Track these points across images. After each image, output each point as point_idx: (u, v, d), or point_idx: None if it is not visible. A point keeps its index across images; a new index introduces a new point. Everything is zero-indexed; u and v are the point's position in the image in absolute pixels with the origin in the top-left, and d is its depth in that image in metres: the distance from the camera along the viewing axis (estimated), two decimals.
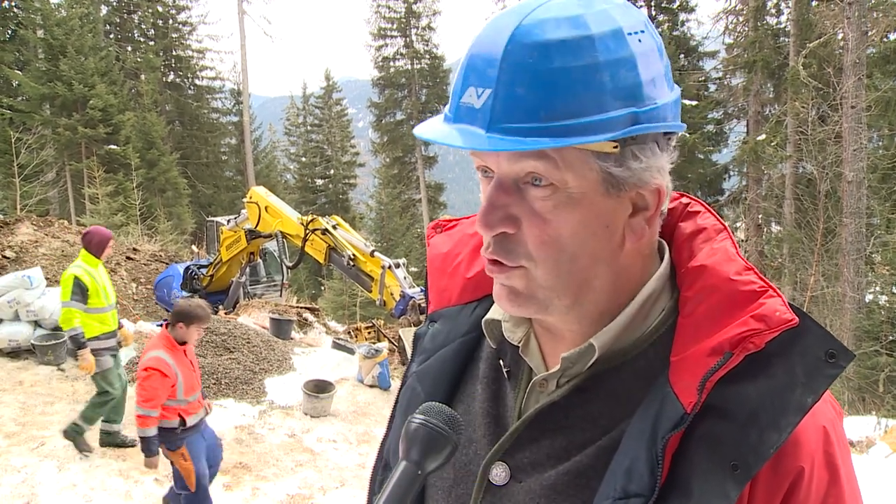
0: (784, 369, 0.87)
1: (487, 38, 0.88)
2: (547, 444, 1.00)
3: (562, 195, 0.89)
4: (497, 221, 0.91)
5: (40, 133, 25.22)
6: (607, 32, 0.85)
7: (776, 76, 24.96)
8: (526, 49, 0.84)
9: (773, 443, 0.85)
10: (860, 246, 16.33)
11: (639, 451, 0.89)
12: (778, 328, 0.86)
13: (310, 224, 10.13)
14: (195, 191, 34.27)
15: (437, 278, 1.22)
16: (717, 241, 0.98)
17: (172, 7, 38.04)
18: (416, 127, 0.96)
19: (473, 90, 0.88)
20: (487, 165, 0.93)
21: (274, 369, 9.04)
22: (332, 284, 29.81)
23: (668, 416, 0.88)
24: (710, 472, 0.86)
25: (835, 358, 0.87)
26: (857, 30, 16.29)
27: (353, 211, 44.01)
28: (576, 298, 0.95)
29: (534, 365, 1.05)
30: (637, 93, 0.86)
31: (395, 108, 41.30)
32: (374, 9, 40.71)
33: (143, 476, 6.08)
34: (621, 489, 0.89)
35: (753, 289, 0.90)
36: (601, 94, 0.83)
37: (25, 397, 7.56)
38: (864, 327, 15.27)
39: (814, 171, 19.22)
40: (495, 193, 0.91)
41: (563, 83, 0.83)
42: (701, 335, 0.90)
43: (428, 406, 0.95)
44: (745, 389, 0.87)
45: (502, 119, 0.85)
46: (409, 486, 0.89)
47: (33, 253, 12.14)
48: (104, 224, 19.89)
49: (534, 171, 0.88)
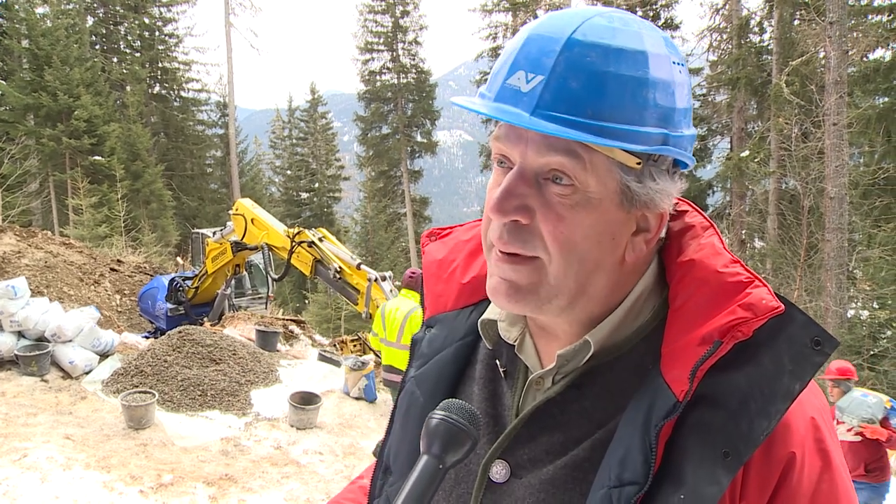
0: (771, 357, 0.90)
1: (547, 29, 0.91)
2: (545, 440, 1.02)
3: (580, 196, 0.91)
4: (512, 209, 0.93)
5: (24, 143, 25.05)
6: (660, 55, 0.90)
7: (759, 93, 25.24)
8: (586, 47, 0.87)
9: (763, 430, 0.87)
10: (842, 261, 16.51)
11: (633, 441, 0.91)
12: (765, 316, 0.89)
13: (296, 237, 10.11)
14: (180, 203, 34.11)
15: (434, 284, 1.24)
16: (704, 237, 1.01)
17: (159, 19, 37.98)
18: (456, 97, 0.97)
19: (523, 74, 0.90)
20: (509, 155, 0.95)
21: (260, 381, 8.99)
22: (316, 298, 29.71)
23: (660, 405, 0.91)
24: (702, 459, 0.88)
25: (820, 345, 0.90)
26: (839, 49, 16.54)
27: (338, 224, 43.98)
28: (571, 301, 0.97)
29: (530, 363, 1.08)
30: (670, 117, 0.91)
31: (380, 122, 41.38)
32: (362, 23, 40.90)
33: (127, 487, 6.02)
34: (616, 478, 0.91)
35: (740, 279, 0.93)
36: (644, 108, 0.88)
37: (8, 408, 7.47)
38: (846, 341, 15.39)
39: (797, 187, 19.42)
40: (515, 181, 0.93)
41: (613, 87, 0.87)
42: (691, 326, 0.93)
43: (448, 402, 0.96)
44: (735, 378, 0.90)
45: (549, 106, 0.88)
46: (432, 479, 0.91)
47: (16, 264, 12.03)
48: (88, 235, 19.79)
49: (559, 168, 0.90)
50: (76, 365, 8.48)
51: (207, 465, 6.70)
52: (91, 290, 13.24)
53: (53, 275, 12.41)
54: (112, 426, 7.29)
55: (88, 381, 8.48)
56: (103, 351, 8.99)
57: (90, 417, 7.52)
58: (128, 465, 6.41)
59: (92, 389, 8.27)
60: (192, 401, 8.09)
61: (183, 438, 7.26)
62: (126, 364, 8.65)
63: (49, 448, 6.53)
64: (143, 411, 7.29)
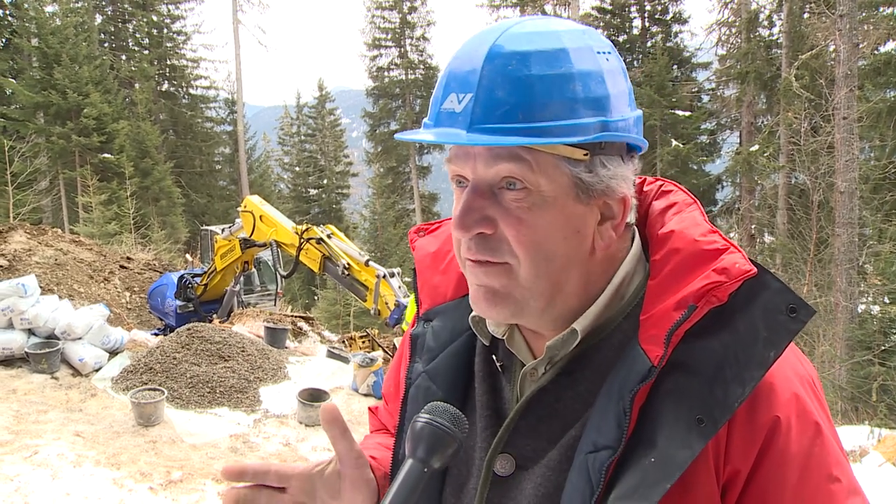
0: (746, 324, 0.92)
1: (468, 50, 0.95)
2: (545, 428, 1.03)
3: (535, 197, 0.94)
4: (473, 223, 0.96)
5: (34, 141, 25.18)
6: (580, 48, 0.92)
7: (769, 87, 25.12)
8: (506, 57, 0.90)
9: (737, 396, 0.89)
10: (852, 256, 16.40)
11: (609, 407, 0.94)
12: (738, 279, 0.91)
13: (305, 233, 10.12)
14: (189, 200, 34.18)
15: (430, 276, 1.24)
16: (686, 212, 1.03)
17: (167, 16, 38.04)
18: (398, 133, 1.01)
19: (454, 96, 0.93)
20: (463, 174, 0.98)
21: (269, 378, 9.01)
22: (325, 294, 29.77)
23: (636, 371, 0.93)
24: (675, 424, 0.90)
25: (795, 312, 0.91)
26: (849, 42, 16.40)
27: (347, 220, 44.02)
28: (549, 301, 0.99)
29: (521, 356, 1.09)
30: (605, 104, 0.93)
31: (389, 118, 41.30)
32: (369, 19, 40.83)
33: (136, 484, 6.05)
34: (592, 443, 0.94)
35: (717, 247, 0.95)
36: (574, 101, 0.90)
37: (19, 405, 7.52)
38: (856, 337, 15.28)
39: (806, 182, 19.31)
40: (471, 197, 0.96)
41: (539, 88, 0.89)
42: (667, 293, 0.95)
43: (433, 405, 0.97)
44: (710, 344, 0.92)
45: (482, 119, 0.90)
46: (416, 484, 0.92)
47: (26, 261, 12.09)
48: (97, 233, 19.87)
49: (509, 175, 0.93)
50: (86, 362, 8.52)
51: (216, 462, 6.72)
52: (101, 287, 13.31)
53: (63, 272, 12.47)
54: (122, 423, 7.32)
55: (98, 378, 8.52)
56: (113, 348, 9.03)
57: (100, 414, 7.56)
58: (137, 461, 6.44)
59: (102, 387, 8.31)
60: (201, 398, 8.12)
61: (192, 435, 7.29)
62: (135, 361, 8.68)
63: (60, 445, 6.57)
64: (153, 408, 7.32)
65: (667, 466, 0.88)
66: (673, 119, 26.92)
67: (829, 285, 17.23)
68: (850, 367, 14.53)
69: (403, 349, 1.33)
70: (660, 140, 26.65)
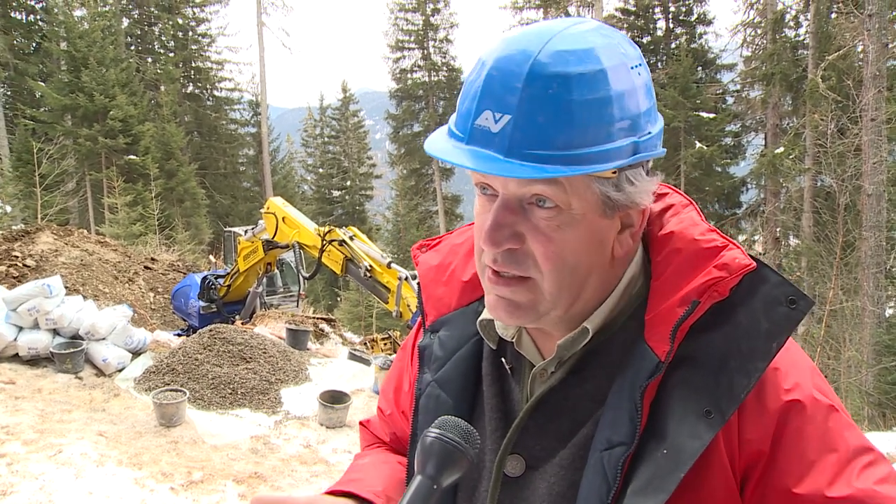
0: (748, 316, 0.94)
1: (506, 63, 0.92)
2: (554, 428, 1.05)
3: (565, 216, 0.95)
4: (504, 239, 0.96)
5: (62, 143, 25.46)
6: (617, 66, 0.92)
7: (794, 89, 24.84)
8: (548, 79, 0.89)
9: (742, 387, 0.91)
10: (880, 259, 16.19)
11: (620, 405, 0.96)
12: (738, 273, 0.94)
13: (327, 235, 10.14)
14: (213, 201, 34.43)
15: (433, 289, 1.25)
16: (683, 213, 1.06)
17: (192, 19, 38.37)
18: (426, 143, 1.00)
19: (490, 114, 0.91)
20: (490, 184, 0.98)
21: (290, 379, 9.04)
22: (348, 295, 29.87)
23: (644, 367, 0.96)
24: (684, 415, 0.92)
25: (795, 304, 0.94)
26: (878, 42, 16.20)
27: (370, 222, 44.18)
28: (568, 308, 1.01)
29: (530, 357, 1.11)
30: (637, 123, 0.93)
31: (412, 120, 41.37)
32: (392, 21, 40.93)
33: (158, 485, 6.10)
34: (606, 440, 0.96)
35: (716, 244, 0.98)
36: (610, 125, 0.90)
37: (44, 405, 7.61)
38: (884, 342, 15.09)
39: (833, 184, 19.07)
40: (501, 213, 0.96)
41: (580, 115, 0.89)
42: (671, 291, 0.98)
43: (443, 420, 0.96)
44: (713, 337, 0.95)
45: (522, 145, 0.89)
46: (425, 502, 0.90)
47: (53, 262, 12.24)
48: (123, 234, 20.07)
49: (541, 194, 0.94)
50: (109, 363, 8.61)
51: (237, 463, 6.75)
52: (125, 287, 13.44)
53: (89, 273, 12.60)
54: (144, 423, 7.38)
55: (121, 378, 8.60)
56: (136, 349, 9.12)
57: (123, 415, 7.63)
58: (159, 462, 6.49)
59: (124, 387, 8.39)
60: (223, 399, 8.17)
61: (213, 436, 7.33)
62: (158, 362, 8.75)
63: (83, 444, 6.63)
64: (175, 409, 7.37)
65: (679, 457, 0.90)
66: (697, 121, 26.68)
67: (856, 289, 16.99)
68: (877, 372, 14.32)
69: (405, 363, 1.34)
70: (684, 142, 26.45)
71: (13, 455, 6.30)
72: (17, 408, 7.38)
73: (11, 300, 8.40)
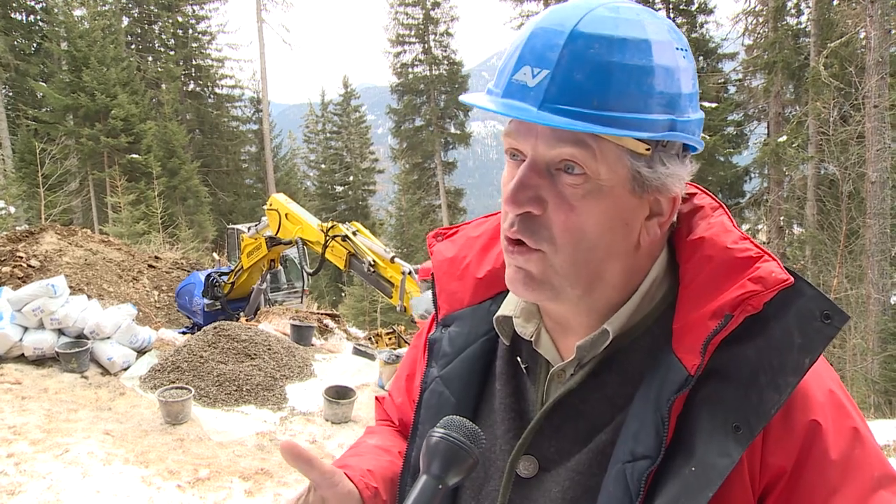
0: (781, 330, 0.91)
1: (550, 23, 0.92)
2: (570, 430, 1.03)
3: (592, 185, 0.92)
4: (526, 200, 0.94)
5: (64, 143, 25.52)
6: (663, 42, 0.91)
7: (797, 77, 24.74)
8: (590, 39, 0.88)
9: (773, 403, 0.88)
10: (884, 247, 16.13)
11: (646, 416, 0.93)
12: (774, 288, 0.91)
13: (330, 230, 10.14)
14: (216, 199, 34.49)
15: (447, 282, 1.24)
16: (713, 217, 1.02)
17: (192, 17, 38.38)
18: (463, 95, 1.01)
19: (529, 69, 0.91)
20: (520, 149, 0.96)
21: (295, 376, 9.05)
22: (352, 291, 29.91)
23: (672, 379, 0.93)
24: (713, 432, 0.90)
25: (830, 318, 0.90)
26: (880, 28, 16.12)
27: (373, 217, 44.19)
28: (587, 289, 0.98)
29: (549, 357, 1.08)
30: (676, 102, 0.91)
31: (413, 114, 41.36)
32: (393, 16, 40.90)
33: (164, 482, 6.11)
34: (630, 452, 0.93)
35: (750, 255, 0.94)
36: (649, 96, 0.89)
37: (50, 404, 7.63)
38: (889, 329, 15.06)
39: (836, 172, 19.03)
40: (528, 173, 0.94)
41: (618, 77, 0.88)
42: (701, 301, 0.95)
43: (449, 419, 0.96)
44: (745, 351, 0.92)
45: (556, 99, 0.89)
46: (430, 501, 0.90)
47: (57, 262, 12.26)
48: (126, 232, 20.10)
49: (569, 159, 0.92)
50: (114, 361, 8.62)
51: (243, 459, 6.77)
52: (129, 286, 13.46)
53: (93, 272, 12.63)
54: (150, 421, 7.40)
55: (126, 377, 8.62)
56: (141, 347, 9.13)
57: (128, 413, 7.65)
58: (165, 459, 6.50)
59: (130, 385, 8.41)
60: (228, 396, 8.18)
61: (219, 433, 7.35)
62: (163, 360, 8.77)
63: (90, 443, 6.65)
64: (180, 407, 7.39)
65: (708, 475, 0.88)
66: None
67: (861, 277, 16.97)
68: (882, 360, 14.31)
69: (418, 352, 1.33)
70: None
71: (21, 455, 6.32)
72: (23, 408, 7.41)
73: (16, 301, 8.42)
